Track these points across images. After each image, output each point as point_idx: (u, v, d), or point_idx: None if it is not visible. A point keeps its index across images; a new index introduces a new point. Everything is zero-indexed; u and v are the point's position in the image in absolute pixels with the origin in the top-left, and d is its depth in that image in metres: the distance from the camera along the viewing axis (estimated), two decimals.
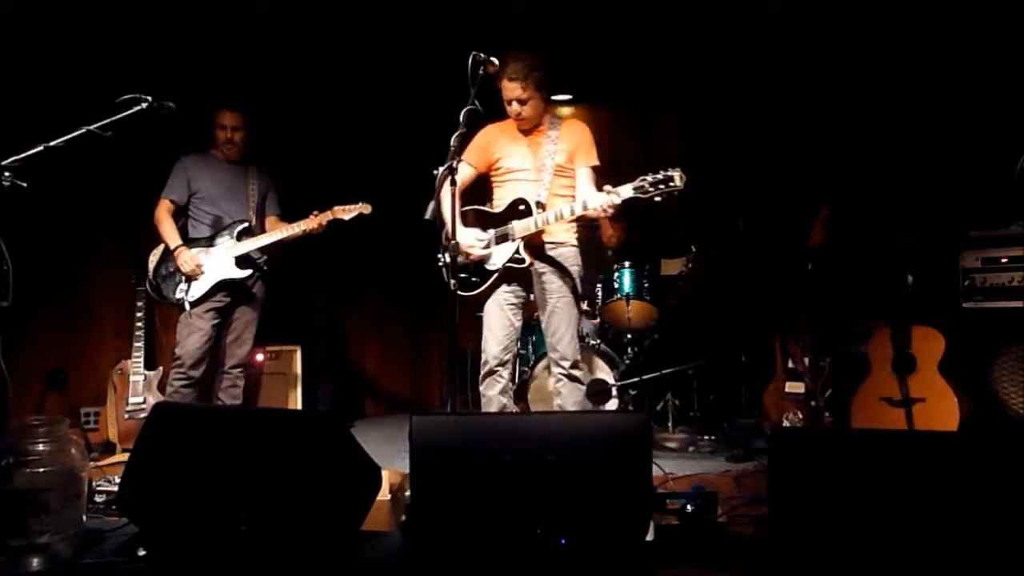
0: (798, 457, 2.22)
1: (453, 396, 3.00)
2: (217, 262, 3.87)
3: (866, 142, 4.70)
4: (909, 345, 3.73)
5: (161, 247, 3.95)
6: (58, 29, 4.36)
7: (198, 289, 3.84)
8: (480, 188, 3.52)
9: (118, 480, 2.84)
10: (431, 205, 2.85)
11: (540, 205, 3.23)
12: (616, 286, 4.58)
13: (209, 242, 3.92)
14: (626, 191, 2.96)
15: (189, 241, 3.92)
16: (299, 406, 4.67)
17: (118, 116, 3.02)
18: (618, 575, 2.26)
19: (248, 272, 3.92)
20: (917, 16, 4.36)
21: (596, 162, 3.34)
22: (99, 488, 3.14)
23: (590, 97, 5.83)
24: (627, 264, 4.58)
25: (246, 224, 3.97)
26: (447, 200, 3.00)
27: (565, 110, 5.82)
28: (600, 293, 4.76)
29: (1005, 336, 3.78)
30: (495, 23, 4.51)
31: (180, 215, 4.01)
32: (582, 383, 3.40)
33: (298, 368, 4.74)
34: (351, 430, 2.55)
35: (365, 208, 3.89)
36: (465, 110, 3.00)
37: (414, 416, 2.32)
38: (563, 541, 2.20)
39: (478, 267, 3.32)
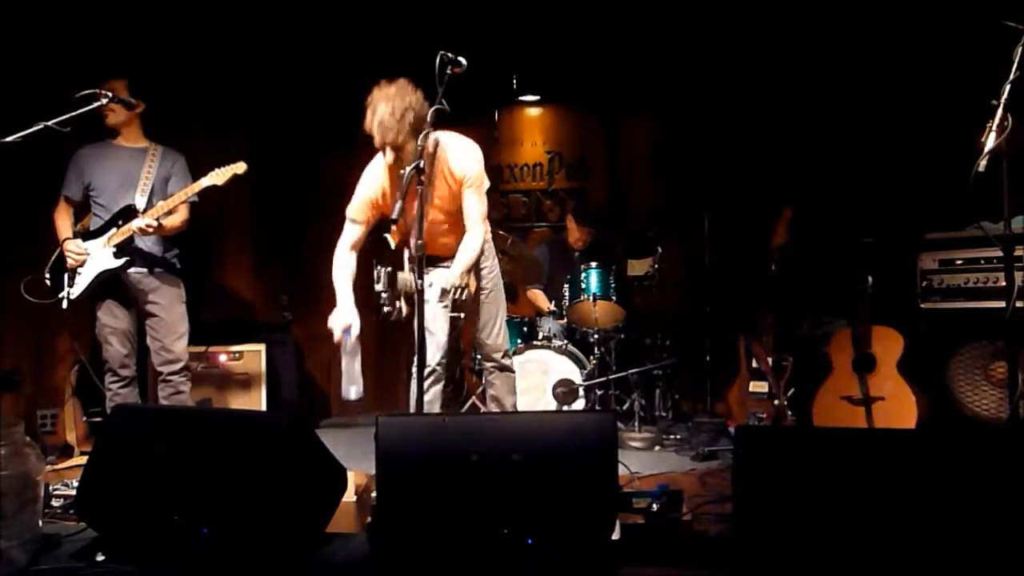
0: (762, 455, 2.24)
1: (419, 397, 2.97)
2: (100, 254, 3.62)
3: (828, 144, 4.78)
4: (869, 345, 3.80)
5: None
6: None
7: (80, 284, 3.61)
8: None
9: (76, 484, 2.78)
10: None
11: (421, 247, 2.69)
12: (583, 286, 4.60)
13: (96, 234, 3.66)
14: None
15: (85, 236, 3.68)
16: (263, 407, 4.62)
17: (76, 112, 2.96)
18: (584, 574, 2.27)
19: (124, 260, 3.60)
20: (878, 21, 4.45)
21: (483, 185, 3.15)
22: (56, 492, 3.08)
23: (557, 98, 5.85)
24: (594, 265, 4.60)
25: (130, 210, 3.63)
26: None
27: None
28: (567, 293, 4.77)
29: (961, 336, 3.85)
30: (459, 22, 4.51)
31: (84, 211, 3.78)
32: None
33: (262, 368, 4.68)
34: (316, 431, 2.53)
35: (239, 168, 3.51)
36: (432, 109, 3.00)
37: (380, 417, 2.31)
38: (530, 541, 2.20)
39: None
